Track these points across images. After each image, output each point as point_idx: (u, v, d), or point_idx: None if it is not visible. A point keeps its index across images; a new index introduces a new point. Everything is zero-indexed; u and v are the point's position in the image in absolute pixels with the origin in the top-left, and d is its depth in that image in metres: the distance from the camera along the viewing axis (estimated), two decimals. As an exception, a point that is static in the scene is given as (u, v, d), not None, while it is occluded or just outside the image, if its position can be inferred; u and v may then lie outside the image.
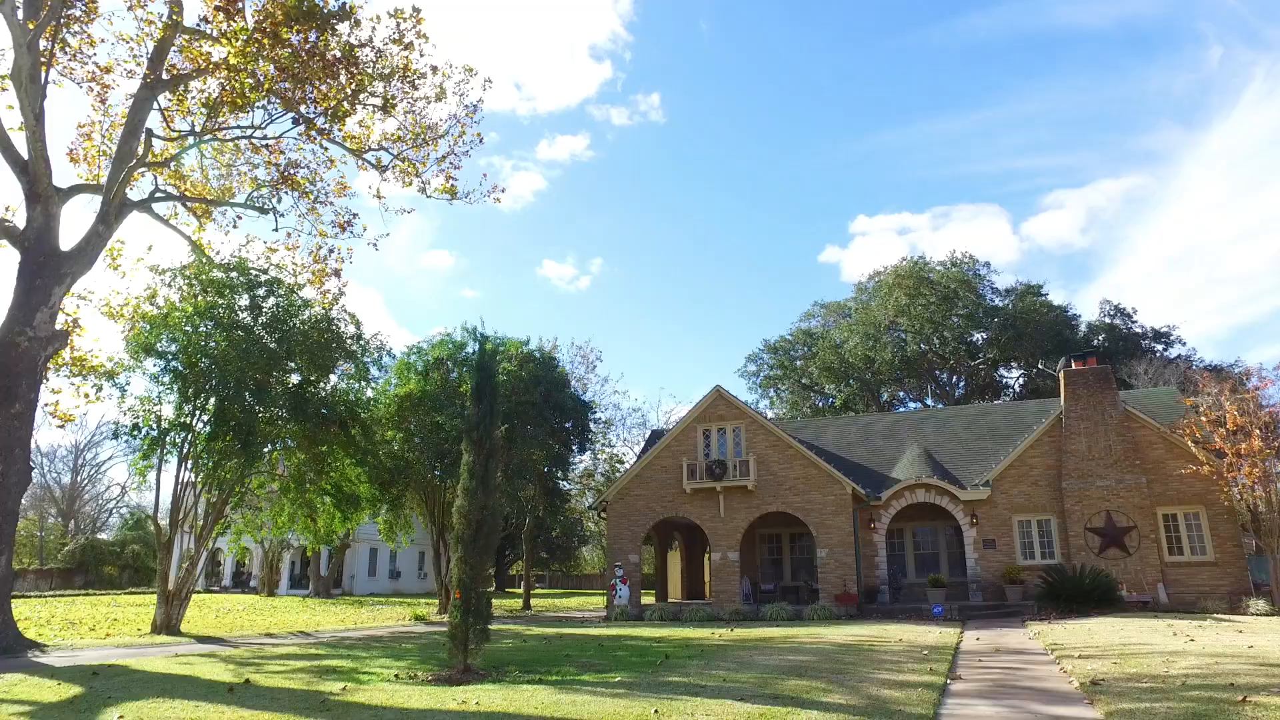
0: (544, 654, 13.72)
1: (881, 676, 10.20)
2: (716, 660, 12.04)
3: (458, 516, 11.09)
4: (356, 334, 22.51)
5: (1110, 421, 25.16)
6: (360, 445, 24.11)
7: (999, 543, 25.37)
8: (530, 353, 30.62)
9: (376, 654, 14.16)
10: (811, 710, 7.75)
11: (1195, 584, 23.49)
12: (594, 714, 7.61)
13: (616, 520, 26.94)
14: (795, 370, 55.42)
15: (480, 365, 11.85)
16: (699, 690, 8.98)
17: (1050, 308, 48.73)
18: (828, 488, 25.38)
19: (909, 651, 13.29)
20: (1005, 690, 9.51)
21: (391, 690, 9.40)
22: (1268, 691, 8.26)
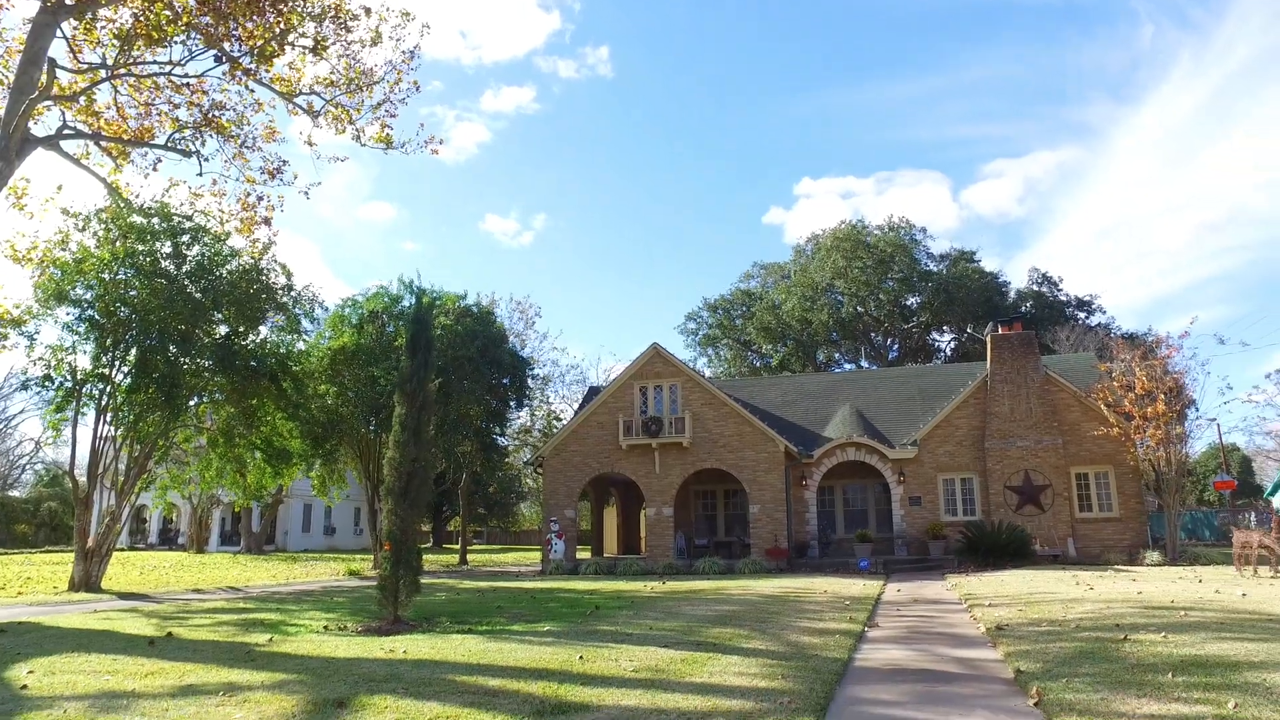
0: (476, 606, 13.82)
1: (803, 625, 10.59)
2: (645, 611, 12.32)
3: (388, 468, 11.03)
4: (288, 285, 21.91)
5: (1032, 385, 26.17)
6: (292, 399, 23.63)
7: (924, 500, 26.33)
8: (467, 307, 30.28)
9: (306, 607, 14.08)
10: (731, 655, 8.03)
11: (1101, 538, 24.84)
12: (520, 661, 7.74)
13: (553, 476, 27.08)
14: (734, 329, 56.07)
15: (416, 318, 11.70)
16: (625, 638, 9.20)
17: (982, 274, 50.20)
18: (761, 445, 25.90)
19: (832, 602, 13.80)
20: (917, 636, 9.98)
21: (319, 641, 9.39)
22: (1146, 630, 8.87)
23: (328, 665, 7.58)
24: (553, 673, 7.09)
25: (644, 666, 7.35)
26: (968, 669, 7.69)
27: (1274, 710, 5.30)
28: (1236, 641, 7.88)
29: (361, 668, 7.41)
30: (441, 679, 6.84)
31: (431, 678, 6.88)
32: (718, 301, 57.27)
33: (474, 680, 6.79)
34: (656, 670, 7.20)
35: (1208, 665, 6.77)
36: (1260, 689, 5.86)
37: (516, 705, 5.84)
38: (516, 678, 6.89)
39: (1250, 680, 6.15)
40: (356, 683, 6.66)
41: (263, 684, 6.68)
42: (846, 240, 50.52)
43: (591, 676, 6.92)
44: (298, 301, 22.31)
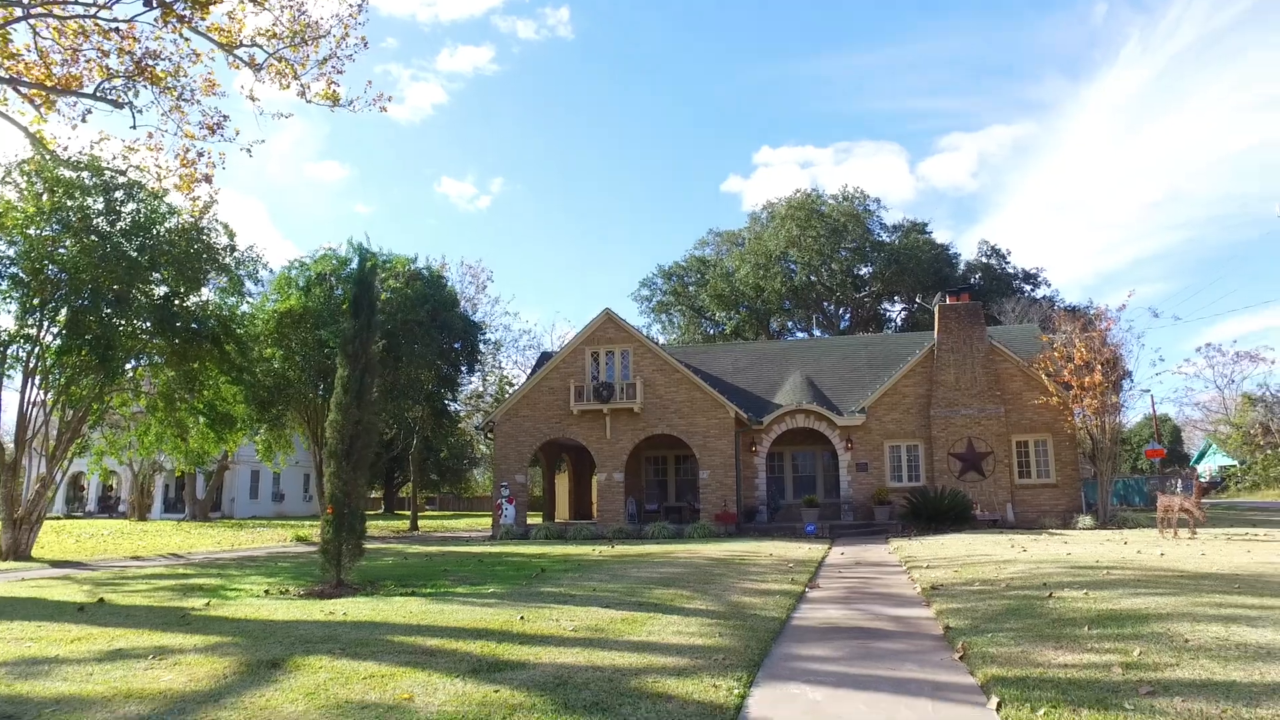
0: (422, 570, 13.78)
1: (745, 586, 10.78)
2: (591, 573, 12.42)
3: (330, 430, 10.86)
4: (230, 245, 21.22)
5: (977, 354, 26.77)
6: (236, 362, 23.06)
7: (871, 466, 26.90)
8: (418, 270, 29.77)
9: (249, 573, 13.88)
10: (671, 615, 8.14)
11: (1038, 504, 25.71)
12: (461, 621, 7.75)
13: (504, 441, 27.00)
14: (688, 296, 56.19)
15: (360, 279, 11.47)
16: (568, 599, 9.27)
17: (933, 245, 50.98)
18: (712, 411, 26.13)
19: (776, 565, 14.06)
20: (856, 596, 10.25)
21: (258, 605, 9.28)
22: (1070, 588, 9.24)
23: (264, 628, 7.50)
24: (493, 633, 7.12)
25: (584, 626, 7.42)
26: (901, 627, 7.92)
27: (1172, 656, 5.58)
28: (1149, 596, 8.25)
29: (299, 630, 7.34)
30: (379, 640, 6.82)
31: (369, 638, 6.85)
32: (672, 268, 57.27)
33: (412, 641, 6.78)
34: (596, 630, 7.27)
35: (1120, 618, 7.08)
36: (1163, 638, 6.16)
37: (453, 664, 5.85)
38: (455, 638, 6.90)
39: (1155, 630, 6.45)
40: (292, 644, 6.60)
41: (195, 647, 6.58)
42: (801, 209, 50.78)
43: (531, 636, 6.97)
44: (241, 262, 21.65)
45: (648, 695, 4.98)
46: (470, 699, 4.89)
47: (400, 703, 4.84)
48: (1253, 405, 58.56)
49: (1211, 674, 5.12)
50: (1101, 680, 5.10)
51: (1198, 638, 6.11)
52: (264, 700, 4.89)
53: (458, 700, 4.87)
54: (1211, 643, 5.94)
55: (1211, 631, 6.30)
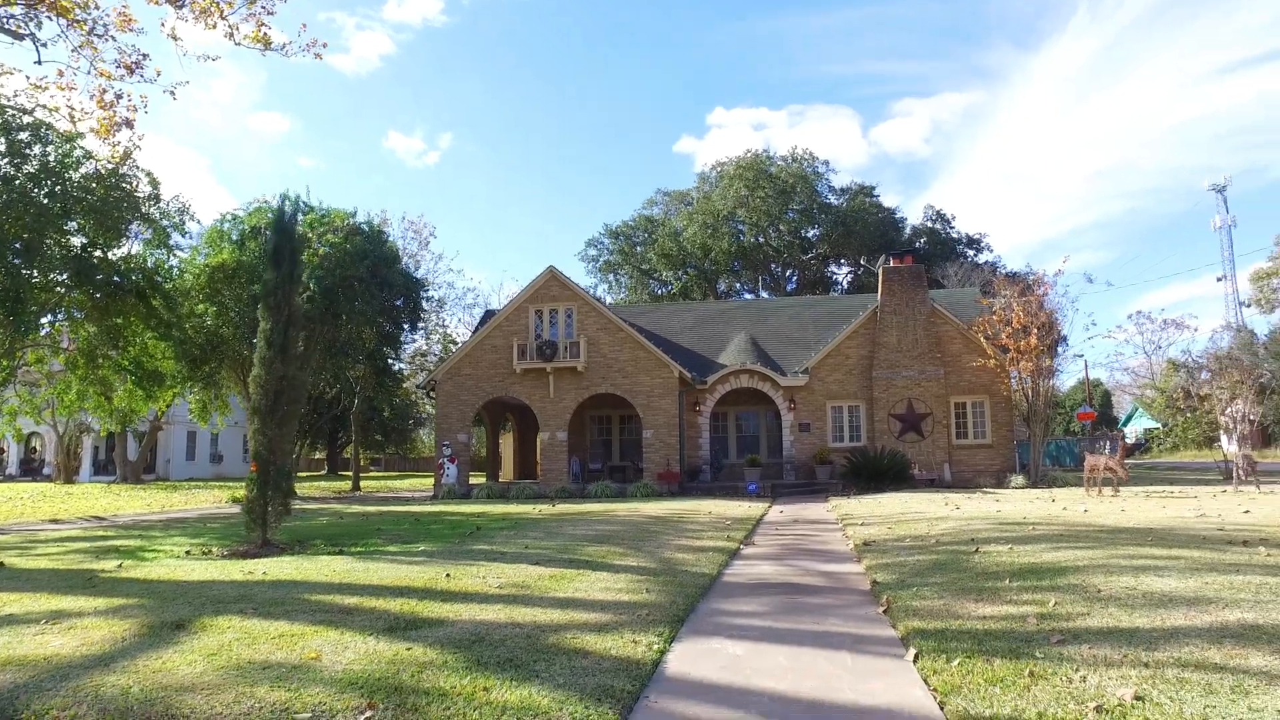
0: (356, 529, 13.51)
1: (680, 543, 10.79)
2: (527, 531, 12.31)
3: (254, 386, 10.48)
4: (154, 194, 20.19)
5: (919, 317, 27.14)
6: (163, 318, 22.18)
7: (813, 426, 27.24)
8: (357, 225, 28.88)
9: (174, 534, 13.44)
10: (601, 572, 8.07)
11: (974, 464, 26.39)
12: (385, 580, 7.56)
13: (446, 400, 26.60)
14: (635, 257, 55.81)
15: (279, 226, 10.98)
16: (499, 557, 9.14)
17: (880, 208, 51.38)
18: (656, 371, 26.09)
19: (714, 523, 14.14)
20: (790, 552, 10.33)
21: (175, 566, 8.95)
22: (996, 543, 9.44)
23: (176, 589, 7.20)
24: (416, 590, 6.95)
25: (510, 583, 7.30)
26: (830, 582, 7.98)
27: (1085, 606, 5.71)
28: (1069, 550, 8.46)
29: (213, 590, 7.06)
30: (296, 599, 6.59)
31: (286, 598, 6.62)
32: (620, 228, 56.69)
33: (331, 599, 6.58)
34: (522, 587, 7.15)
35: (1040, 571, 7.23)
36: (1078, 589, 6.29)
37: (369, 622, 5.68)
38: (377, 595, 6.72)
39: (1071, 582, 6.60)
40: (203, 605, 6.34)
41: (96, 610, 6.26)
42: (750, 169, 50.57)
43: (455, 594, 6.82)
44: (166, 213, 20.65)
45: (564, 651, 4.88)
46: (380, 657, 4.73)
47: (306, 662, 4.66)
48: (1175, 371, 61.00)
49: (1119, 621, 5.23)
50: (1017, 630, 5.16)
51: (1109, 588, 6.26)
52: (159, 663, 4.65)
53: (367, 659, 4.70)
54: (1121, 592, 6.08)
55: (1122, 582, 6.46)
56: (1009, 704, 3.80)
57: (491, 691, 4.08)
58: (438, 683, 4.23)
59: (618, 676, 4.37)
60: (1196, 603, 5.61)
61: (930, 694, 4.15)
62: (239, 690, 4.10)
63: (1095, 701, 3.74)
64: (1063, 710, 3.68)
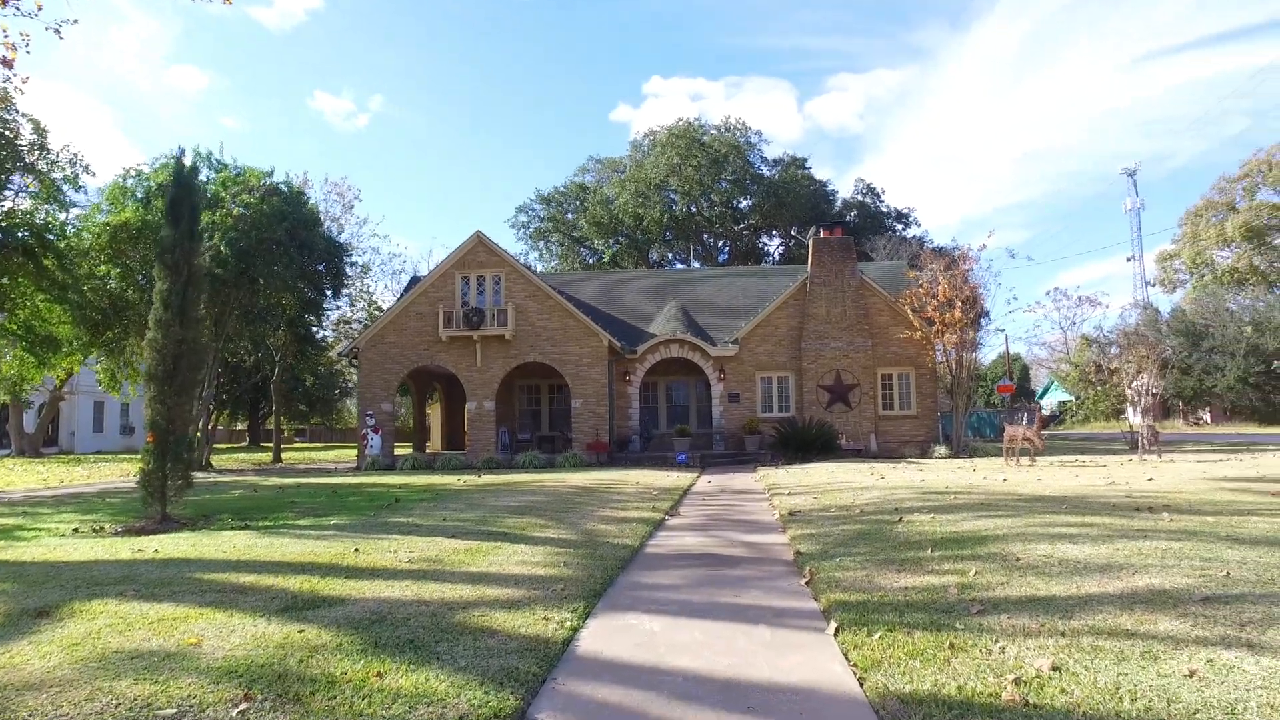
0: (269, 502, 12.90)
1: (604, 514, 10.57)
2: (447, 503, 11.91)
3: (149, 350, 9.78)
4: (39, 142, 18.68)
5: (848, 289, 27.41)
6: (57, 279, 20.73)
7: (743, 397, 27.35)
8: (275, 185, 27.47)
9: (66, 511, 12.58)
10: (519, 544, 7.79)
11: (899, 434, 26.94)
12: (288, 556, 7.12)
13: (369, 368, 25.75)
14: (566, 224, 54.97)
15: (178, 179, 10.19)
16: (414, 530, 8.75)
17: (812, 180, 51.69)
18: (585, 340, 25.74)
19: (641, 493, 13.98)
20: (715, 523, 10.22)
21: (56, 545, 8.28)
22: (919, 512, 9.51)
23: (50, 571, 6.61)
24: (319, 567, 6.54)
25: (422, 558, 6.95)
26: (754, 553, 7.87)
27: (1004, 575, 5.69)
28: (989, 519, 8.55)
29: (91, 571, 6.51)
30: (186, 578, 6.12)
31: (175, 577, 6.14)
32: (550, 194, 55.66)
33: (225, 578, 6.12)
34: (434, 561, 6.81)
35: (961, 540, 7.25)
36: (998, 558, 6.30)
37: (263, 602, 5.27)
38: (276, 573, 6.28)
39: (992, 551, 6.62)
40: (76, 588, 5.81)
41: (-49, 593, 5.68)
42: (682, 138, 50.14)
43: (361, 569, 6.44)
44: (54, 164, 19.15)
45: (470, 631, 4.59)
46: (269, 641, 4.35)
47: (184, 649, 4.25)
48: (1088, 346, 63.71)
49: (1036, 590, 5.21)
50: (938, 602, 5.09)
51: (1028, 556, 6.28)
52: (5, 658, 4.17)
53: (254, 643, 4.32)
54: (1039, 560, 6.10)
55: (1040, 550, 6.50)
56: (929, 678, 3.68)
57: (386, 677, 3.77)
58: (327, 668, 3.89)
59: (524, 658, 4.10)
60: (1108, 569, 5.65)
61: (850, 669, 4.02)
62: (96, 685, 3.68)
63: (1014, 674, 3.65)
64: (982, 684, 3.57)
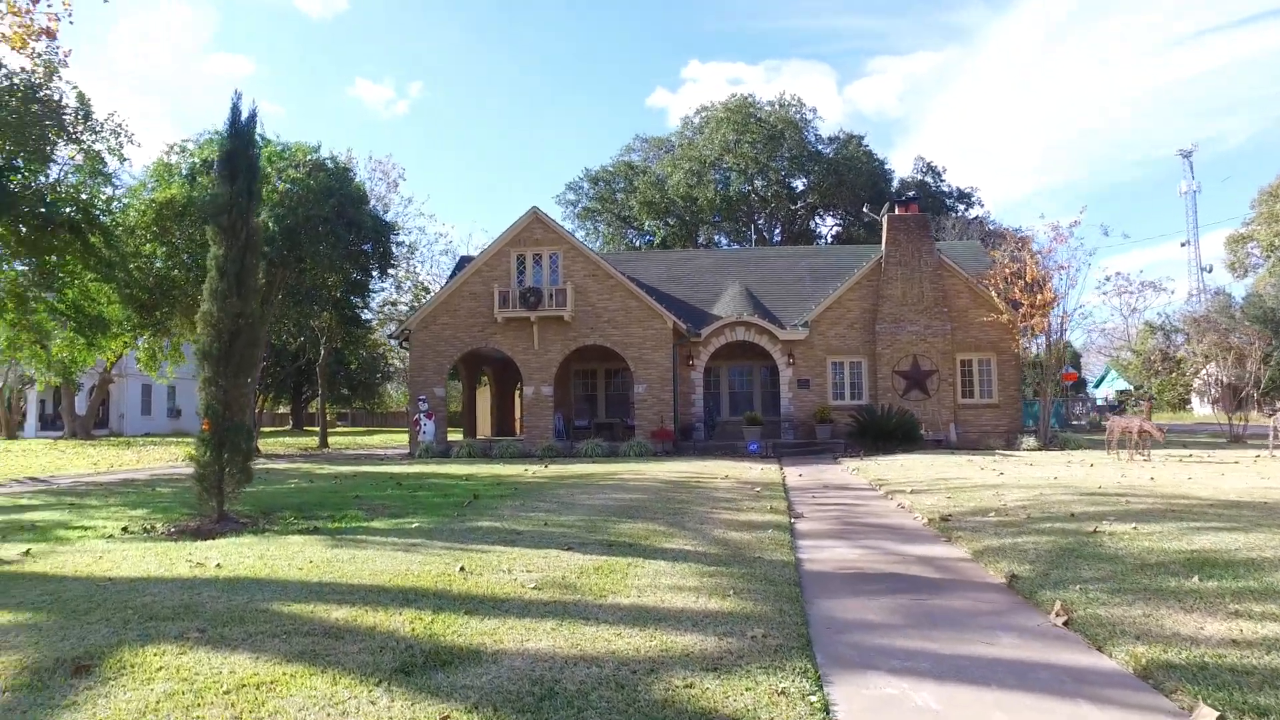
0: (330, 496, 11.65)
1: (722, 516, 9.12)
2: (533, 500, 10.54)
3: (203, 326, 8.49)
4: (82, 110, 17.58)
5: (925, 269, 25.57)
6: (104, 256, 19.75)
7: (813, 383, 25.70)
8: (321, 161, 26.33)
9: (114, 502, 11.45)
10: (655, 560, 6.36)
11: (980, 424, 25.11)
12: (379, 576, 5.75)
13: (421, 351, 24.53)
14: (614, 204, 53.21)
15: (233, 132, 8.87)
16: (515, 539, 7.36)
17: (870, 158, 49.39)
18: (648, 322, 24.28)
19: (738, 488, 12.54)
20: (854, 529, 8.72)
21: (102, 551, 7.04)
22: (1104, 519, 8.01)
23: (94, 592, 5.32)
24: (424, 594, 5.17)
25: (547, 581, 5.55)
26: (939, 572, 6.37)
27: None
28: (1211, 532, 7.01)
29: (145, 595, 5.20)
30: (261, 610, 4.78)
31: (246, 609, 4.80)
32: (599, 173, 53.86)
33: (310, 611, 4.77)
34: (564, 586, 5.41)
35: (1213, 563, 5.72)
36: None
37: (371, 655, 3.90)
38: (373, 603, 4.92)
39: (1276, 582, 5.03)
40: (126, 622, 4.50)
41: (-30, 629, 4.40)
42: (738, 113, 48.03)
43: (478, 599, 5.06)
44: (98, 134, 18.07)
45: (686, 715, 3.16)
46: (400, 734, 2.97)
47: (280, 745, 2.88)
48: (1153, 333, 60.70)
49: None
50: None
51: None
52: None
53: (379, 737, 2.93)
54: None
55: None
56: None
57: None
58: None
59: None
60: None
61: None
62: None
63: None
64: None
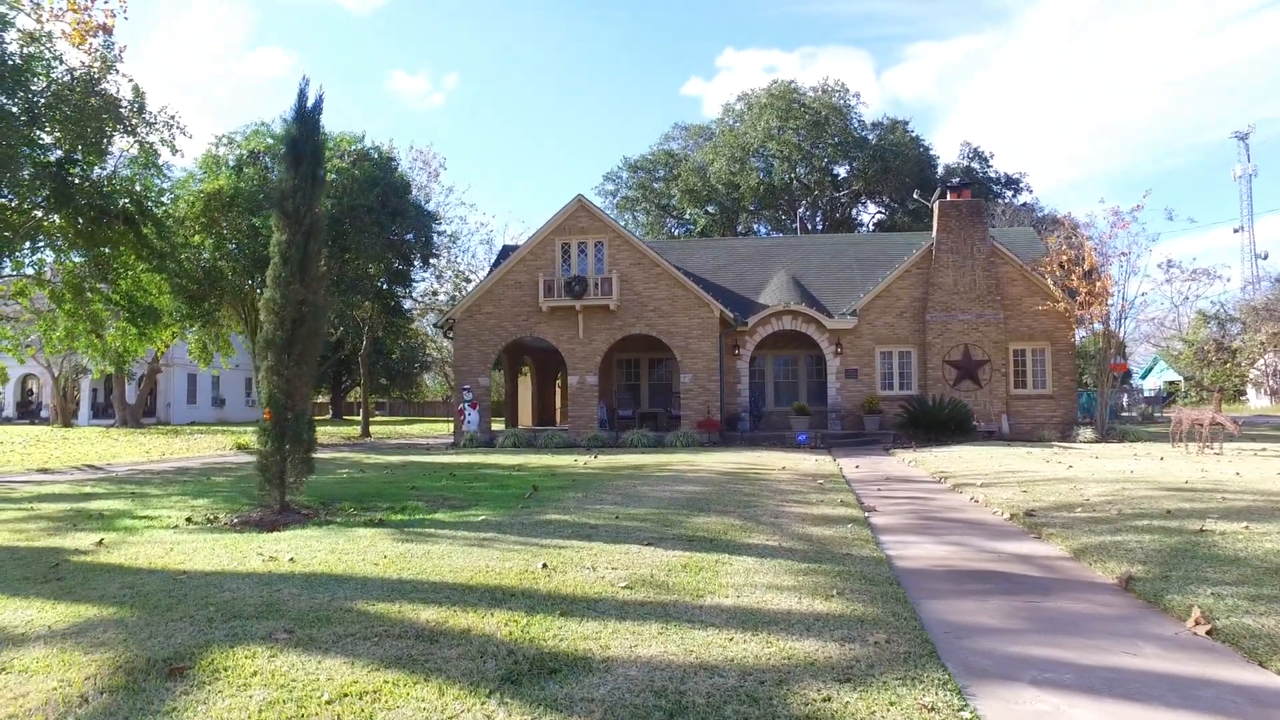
0: (386, 486, 11.53)
1: (792, 510, 8.80)
2: (595, 492, 10.29)
3: (266, 313, 8.34)
4: (137, 103, 17.66)
5: (978, 256, 24.86)
6: (156, 247, 19.92)
7: (861, 373, 25.18)
8: (365, 150, 26.34)
9: (172, 492, 11.45)
10: (742, 557, 6.06)
11: (1033, 415, 24.40)
12: (459, 573, 5.53)
13: (465, 340, 24.46)
14: (654, 193, 52.71)
15: (299, 116, 8.68)
16: (590, 533, 7.11)
17: (916, 143, 48.23)
18: (694, 310, 23.94)
19: (799, 480, 12.19)
20: (933, 524, 8.35)
21: (172, 542, 6.92)
22: (1206, 516, 7.56)
23: (172, 586, 5.16)
24: (511, 593, 4.93)
25: (636, 579, 5.28)
26: (1043, 571, 6.00)
27: None
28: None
29: (224, 590, 5.03)
30: (346, 610, 4.57)
31: (330, 608, 4.60)
32: (639, 161, 53.37)
33: (398, 612, 4.55)
34: (655, 585, 5.14)
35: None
36: None
37: (472, 662, 3.66)
38: (460, 604, 4.69)
39: None
40: (211, 621, 4.31)
41: (51, 630, 4.23)
42: (781, 99, 47.21)
43: (570, 599, 4.80)
44: (152, 125, 18.15)
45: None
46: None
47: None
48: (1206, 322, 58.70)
49: None
50: None
51: None
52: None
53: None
54: None
55: None
56: None
57: None
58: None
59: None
60: None
61: None
62: None
63: None
64: None
